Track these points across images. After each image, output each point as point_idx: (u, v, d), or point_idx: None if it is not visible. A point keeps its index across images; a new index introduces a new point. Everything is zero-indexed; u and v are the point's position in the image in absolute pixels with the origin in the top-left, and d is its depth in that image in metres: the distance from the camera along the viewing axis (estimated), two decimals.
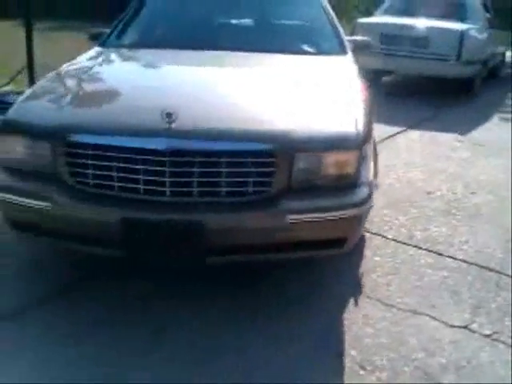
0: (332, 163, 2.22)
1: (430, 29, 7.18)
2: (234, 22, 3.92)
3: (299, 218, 2.16)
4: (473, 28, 7.45)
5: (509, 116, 6.99)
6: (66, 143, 2.17)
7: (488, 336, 2.28)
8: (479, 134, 5.88)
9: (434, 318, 2.39)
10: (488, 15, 8.53)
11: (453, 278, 2.75)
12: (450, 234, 3.26)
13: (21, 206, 2.25)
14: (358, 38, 4.10)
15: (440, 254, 3.00)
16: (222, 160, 2.09)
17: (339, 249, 2.35)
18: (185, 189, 2.10)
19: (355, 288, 2.61)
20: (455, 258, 2.96)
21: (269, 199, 2.14)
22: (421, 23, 7.32)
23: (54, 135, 2.19)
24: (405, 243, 3.12)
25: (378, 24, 7.75)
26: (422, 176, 4.30)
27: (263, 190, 2.14)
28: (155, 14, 3.98)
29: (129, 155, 2.09)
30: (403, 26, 7.34)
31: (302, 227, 2.19)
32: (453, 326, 2.33)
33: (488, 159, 4.88)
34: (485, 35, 7.94)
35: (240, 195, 2.13)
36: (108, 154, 2.11)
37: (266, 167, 2.12)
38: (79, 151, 2.15)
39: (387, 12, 8.38)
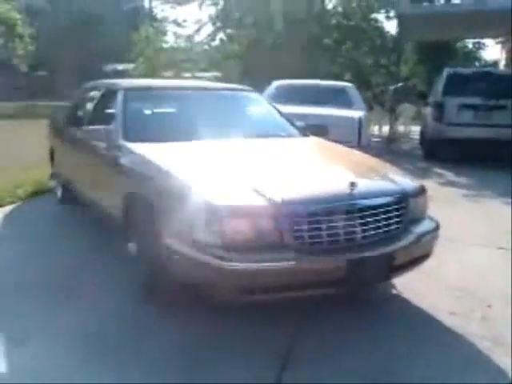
0: (421, 203, 3.43)
1: (329, 117, 7.05)
2: (223, 119, 4.54)
3: (425, 238, 3.28)
4: (363, 114, 7.54)
5: None
6: (296, 214, 2.82)
7: None
8: None
9: None
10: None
11: None
12: None
13: (262, 270, 2.74)
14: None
15: None
16: (384, 209, 3.08)
17: (425, 261, 3.39)
18: (369, 233, 3.00)
19: None
20: None
21: (404, 230, 3.19)
22: (317, 112, 7.14)
23: (280, 210, 2.79)
24: None
25: None
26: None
27: (400, 225, 3.17)
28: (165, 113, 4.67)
29: (334, 216, 2.90)
30: (299, 116, 7.04)
31: (423, 246, 3.28)
32: None
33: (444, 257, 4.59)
34: (367, 118, 8.12)
35: (394, 230, 3.14)
36: (321, 217, 2.86)
37: (402, 210, 3.19)
38: (300, 219, 2.82)
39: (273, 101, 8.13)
